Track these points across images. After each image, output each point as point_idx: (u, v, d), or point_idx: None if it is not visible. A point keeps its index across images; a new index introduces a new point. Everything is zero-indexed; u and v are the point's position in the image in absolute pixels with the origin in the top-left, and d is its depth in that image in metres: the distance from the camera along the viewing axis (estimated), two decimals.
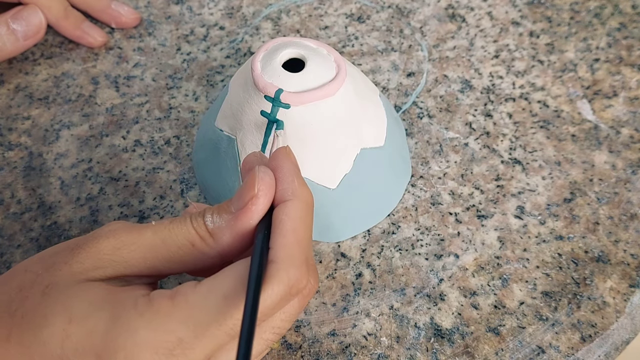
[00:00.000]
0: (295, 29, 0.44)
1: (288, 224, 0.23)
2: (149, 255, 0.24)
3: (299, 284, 0.22)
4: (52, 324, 0.22)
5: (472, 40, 0.42)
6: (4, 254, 0.34)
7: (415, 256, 0.33)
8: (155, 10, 0.46)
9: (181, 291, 0.22)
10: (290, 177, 0.25)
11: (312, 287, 0.24)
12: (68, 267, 0.23)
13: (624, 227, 0.33)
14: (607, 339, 0.30)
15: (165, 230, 0.24)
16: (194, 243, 0.24)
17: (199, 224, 0.24)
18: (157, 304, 0.22)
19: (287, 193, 0.24)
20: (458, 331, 0.30)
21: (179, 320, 0.21)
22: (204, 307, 0.21)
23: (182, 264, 0.24)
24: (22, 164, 0.38)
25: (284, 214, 0.24)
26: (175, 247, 0.24)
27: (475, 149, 0.37)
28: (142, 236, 0.24)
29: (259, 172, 0.24)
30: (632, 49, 0.41)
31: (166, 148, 0.38)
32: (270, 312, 0.23)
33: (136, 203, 0.36)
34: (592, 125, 0.37)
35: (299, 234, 0.23)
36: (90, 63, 0.43)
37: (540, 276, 0.32)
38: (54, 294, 0.22)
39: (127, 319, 0.21)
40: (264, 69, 0.30)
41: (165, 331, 0.21)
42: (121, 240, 0.24)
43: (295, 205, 0.24)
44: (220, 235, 0.24)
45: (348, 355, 0.30)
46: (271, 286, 0.22)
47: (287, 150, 0.26)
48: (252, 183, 0.24)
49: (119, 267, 0.24)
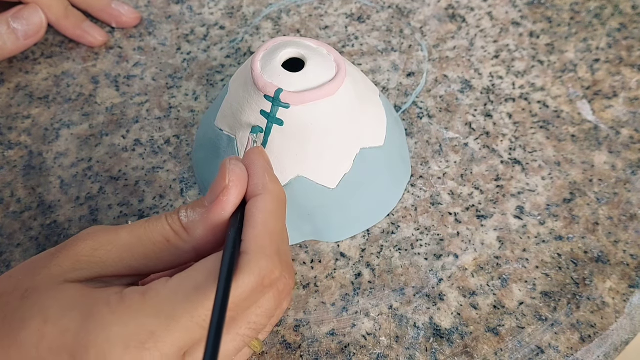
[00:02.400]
0: (296, 28, 0.44)
1: (259, 216, 0.24)
2: (125, 254, 0.24)
3: (271, 275, 0.23)
4: (28, 326, 0.22)
5: (472, 41, 0.42)
6: (3, 252, 0.34)
7: (414, 256, 0.33)
8: (155, 10, 0.46)
9: (153, 286, 0.22)
10: (261, 172, 0.25)
11: (287, 282, 0.24)
12: (47, 270, 0.24)
13: (624, 228, 0.33)
14: (607, 339, 0.30)
15: (141, 229, 0.25)
16: (169, 238, 0.24)
17: (174, 220, 0.25)
18: (129, 299, 0.22)
19: (259, 188, 0.25)
20: (457, 331, 0.30)
21: (150, 313, 0.21)
22: (175, 299, 0.22)
23: (158, 260, 0.25)
24: (22, 163, 0.38)
25: (254, 207, 0.24)
26: (150, 243, 0.24)
27: (475, 149, 0.37)
28: (118, 236, 0.24)
29: (229, 165, 0.25)
30: (632, 49, 0.41)
31: (166, 147, 0.38)
32: (243, 304, 0.23)
33: (136, 202, 0.36)
34: (592, 125, 0.37)
35: (269, 226, 0.24)
36: (91, 62, 0.43)
37: (539, 276, 0.32)
38: (32, 297, 0.23)
39: (99, 315, 0.22)
40: (264, 69, 0.30)
41: (137, 325, 0.21)
42: (98, 242, 0.24)
43: (266, 199, 0.24)
44: (194, 229, 0.24)
45: (347, 355, 0.30)
46: (242, 277, 0.22)
47: (259, 149, 0.27)
48: (223, 175, 0.24)
49: (97, 268, 0.24)
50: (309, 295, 0.32)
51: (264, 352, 0.30)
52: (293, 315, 0.31)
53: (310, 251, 0.34)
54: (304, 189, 0.31)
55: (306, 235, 0.34)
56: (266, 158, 0.27)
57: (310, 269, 0.33)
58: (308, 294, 0.32)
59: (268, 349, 0.30)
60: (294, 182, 0.31)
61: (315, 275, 0.33)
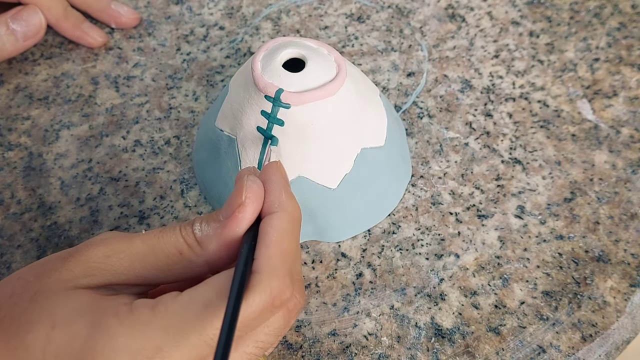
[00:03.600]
0: (295, 29, 0.44)
1: (273, 235, 0.23)
2: (138, 263, 0.24)
3: (282, 295, 0.22)
4: (36, 329, 0.22)
5: (472, 40, 0.42)
6: (4, 254, 0.34)
7: (415, 256, 0.33)
8: (155, 11, 0.46)
9: (162, 300, 0.22)
10: (278, 189, 0.25)
11: (298, 301, 0.24)
12: (58, 274, 0.23)
13: (624, 227, 0.33)
14: (608, 338, 0.30)
15: (154, 239, 0.24)
16: (182, 251, 0.24)
17: (188, 232, 0.24)
18: (138, 312, 0.22)
19: (274, 205, 0.24)
20: (459, 331, 0.30)
21: (158, 328, 0.21)
22: (184, 315, 0.21)
23: (170, 272, 0.24)
24: (22, 164, 0.38)
25: (269, 225, 0.24)
26: (163, 255, 0.24)
27: (475, 149, 0.37)
28: (132, 245, 0.24)
29: (247, 181, 0.24)
30: (632, 48, 0.41)
31: (166, 148, 0.38)
32: (252, 323, 0.22)
33: (136, 203, 0.36)
34: (592, 124, 0.37)
35: (283, 246, 0.23)
36: (90, 63, 0.43)
37: (540, 276, 0.32)
38: (41, 301, 0.23)
39: (107, 326, 0.21)
40: (264, 69, 0.30)
41: (144, 339, 0.21)
42: (111, 249, 0.24)
43: (282, 217, 0.24)
44: (207, 243, 0.24)
45: (349, 355, 0.30)
46: (253, 296, 0.22)
47: (277, 164, 0.26)
48: (240, 191, 0.24)
49: (108, 275, 0.24)
50: (310, 295, 0.32)
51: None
52: None
53: (311, 251, 0.34)
54: (304, 190, 0.31)
55: (307, 235, 0.34)
56: (284, 174, 0.26)
57: (312, 269, 0.33)
58: (309, 294, 0.32)
59: None
60: (295, 183, 0.31)
61: (316, 276, 0.33)
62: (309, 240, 0.34)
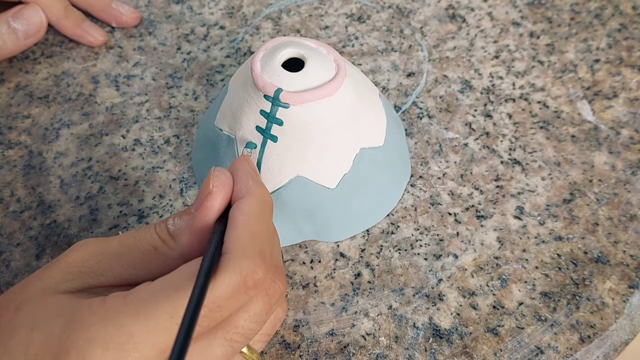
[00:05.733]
0: (296, 28, 0.44)
1: (240, 218, 0.24)
2: (115, 264, 0.25)
3: (253, 275, 0.23)
4: (17, 334, 0.22)
5: (472, 41, 0.42)
6: (3, 252, 0.34)
7: (414, 256, 0.33)
8: (155, 10, 0.46)
9: (135, 289, 0.23)
10: (245, 177, 0.26)
11: (278, 287, 0.24)
12: (40, 282, 0.24)
13: (624, 228, 0.33)
14: (606, 339, 0.30)
15: (130, 239, 0.25)
16: (156, 246, 0.25)
17: (162, 228, 0.25)
18: (110, 302, 0.22)
19: (242, 192, 0.25)
20: (457, 331, 0.30)
21: (129, 315, 0.21)
22: (154, 300, 0.22)
23: (147, 269, 0.25)
24: (22, 162, 0.38)
25: (237, 210, 0.25)
26: (138, 252, 0.25)
27: (474, 149, 0.37)
28: (109, 246, 0.25)
29: (214, 172, 0.25)
30: (633, 49, 0.41)
31: (166, 147, 0.38)
32: (227, 305, 0.23)
33: (135, 202, 0.36)
34: (592, 126, 0.37)
35: (252, 228, 0.24)
36: (91, 62, 0.43)
37: (539, 277, 0.32)
38: (25, 309, 0.23)
39: (81, 319, 0.22)
40: (264, 69, 0.30)
41: (116, 326, 0.21)
42: (89, 252, 0.25)
43: (250, 202, 0.25)
44: (180, 236, 0.25)
45: (346, 355, 0.30)
46: (222, 276, 0.22)
47: (245, 157, 0.28)
48: (207, 182, 0.25)
49: (87, 278, 0.24)
50: (308, 295, 0.32)
51: (264, 352, 0.30)
52: (292, 315, 0.31)
53: (310, 251, 0.34)
54: (303, 189, 0.31)
55: (306, 235, 0.34)
56: (252, 164, 0.27)
57: (310, 269, 0.33)
58: (307, 294, 0.32)
59: (267, 349, 0.30)
60: (294, 182, 0.31)
61: (314, 275, 0.33)
62: (307, 240, 0.34)
